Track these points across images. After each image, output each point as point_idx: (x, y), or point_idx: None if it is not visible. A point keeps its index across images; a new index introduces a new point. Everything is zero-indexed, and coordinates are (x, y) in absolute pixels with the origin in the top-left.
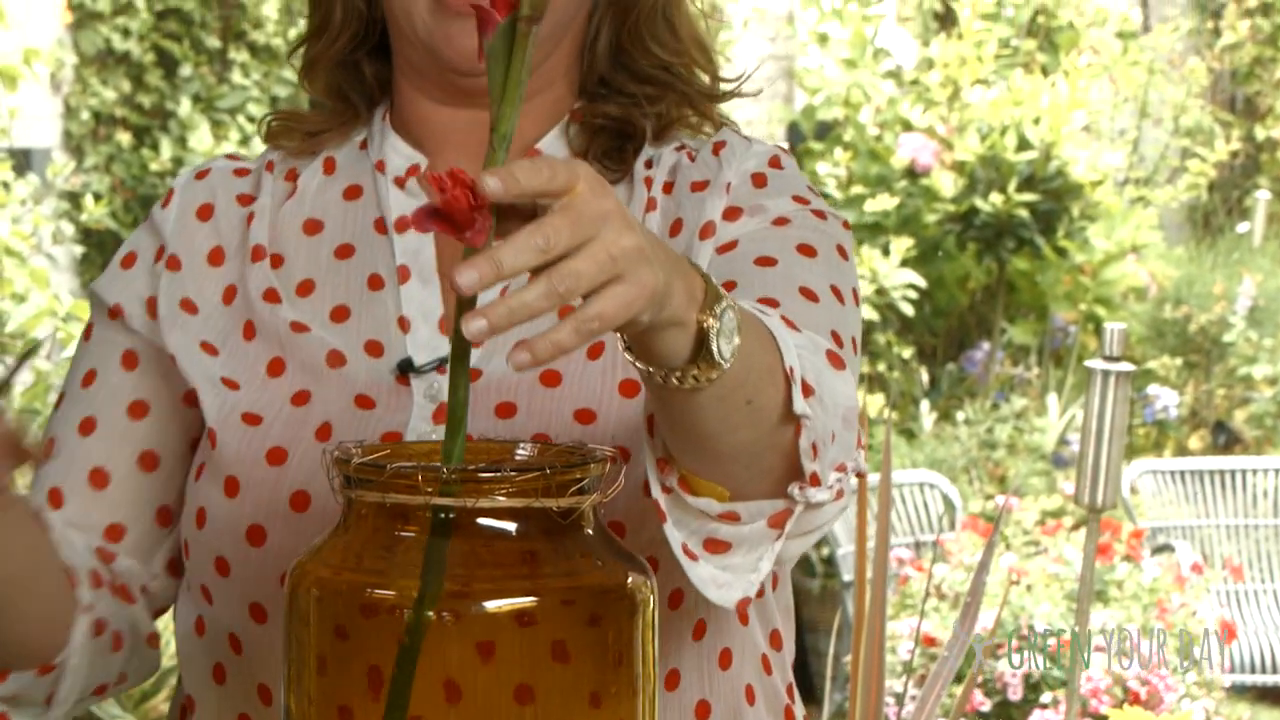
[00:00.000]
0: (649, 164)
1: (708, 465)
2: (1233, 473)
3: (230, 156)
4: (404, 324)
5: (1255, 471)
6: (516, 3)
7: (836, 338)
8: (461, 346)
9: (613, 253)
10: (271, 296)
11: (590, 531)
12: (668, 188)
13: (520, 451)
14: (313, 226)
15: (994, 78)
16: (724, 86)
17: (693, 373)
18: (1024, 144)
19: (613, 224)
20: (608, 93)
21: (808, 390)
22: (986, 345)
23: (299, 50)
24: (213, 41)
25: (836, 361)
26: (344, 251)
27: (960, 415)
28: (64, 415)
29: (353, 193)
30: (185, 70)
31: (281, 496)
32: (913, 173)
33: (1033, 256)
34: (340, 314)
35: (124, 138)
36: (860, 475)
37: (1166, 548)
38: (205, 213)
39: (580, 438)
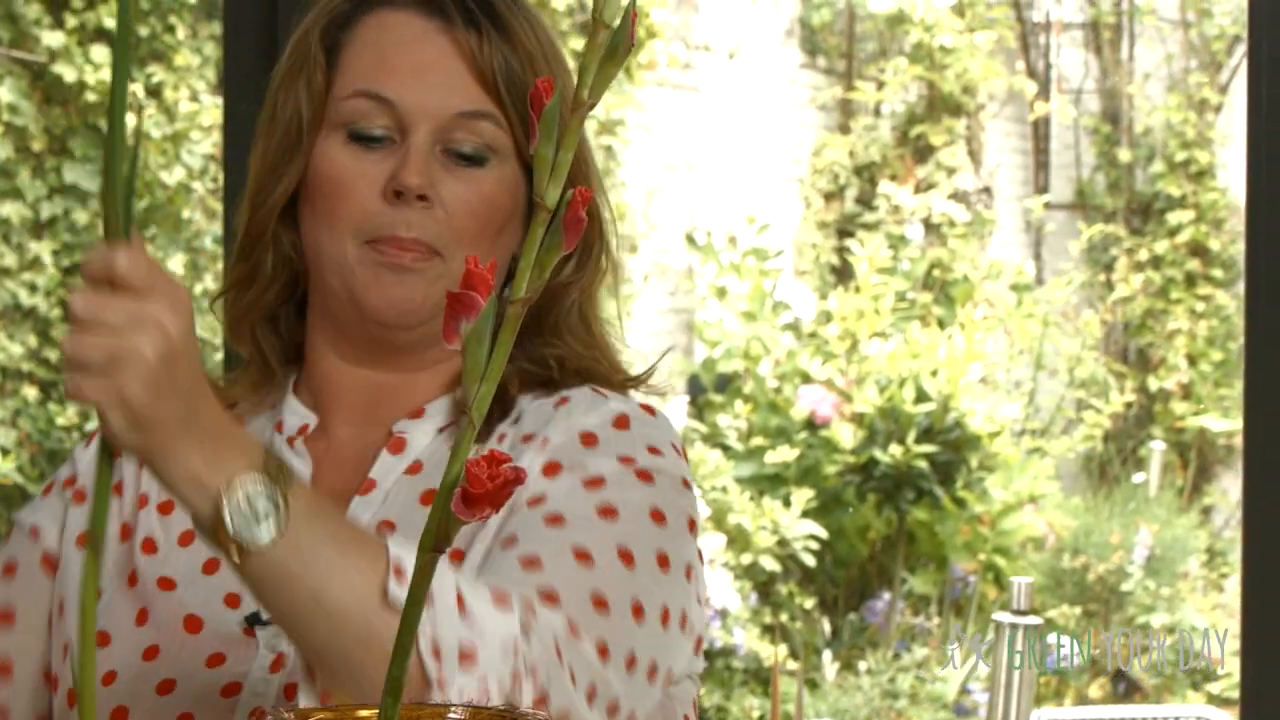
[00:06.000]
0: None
1: (321, 675)
2: None
3: None
4: None
5: None
6: (493, 285)
7: (598, 601)
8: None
9: (117, 354)
10: (149, 546)
11: None
12: (501, 439)
13: (452, 716)
14: None
15: (891, 330)
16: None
17: (222, 542)
18: (922, 396)
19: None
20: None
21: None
22: (887, 595)
23: (220, 300)
24: None
25: (573, 630)
26: None
27: (863, 665)
28: None
29: None
30: None
31: None
32: (812, 424)
33: (932, 507)
34: (211, 566)
35: (30, 392)
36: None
37: None
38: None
39: None
